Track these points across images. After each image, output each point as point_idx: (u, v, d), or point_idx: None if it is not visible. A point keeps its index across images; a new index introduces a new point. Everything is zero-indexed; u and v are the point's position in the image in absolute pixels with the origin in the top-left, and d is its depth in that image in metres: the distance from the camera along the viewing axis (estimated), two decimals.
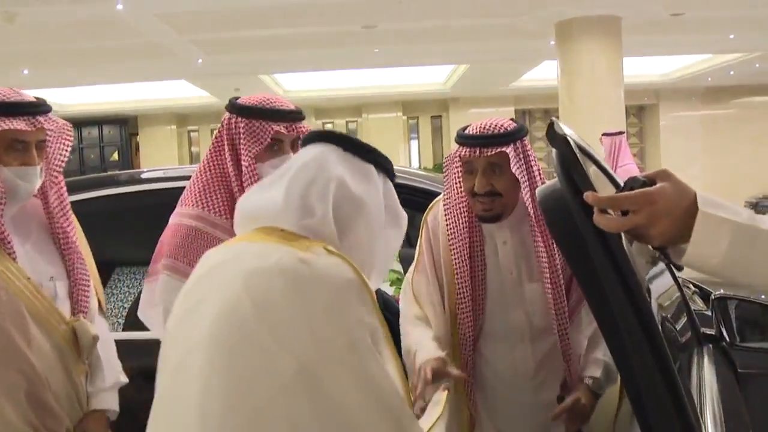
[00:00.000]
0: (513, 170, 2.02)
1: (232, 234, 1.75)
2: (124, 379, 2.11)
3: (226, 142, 1.99)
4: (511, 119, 2.15)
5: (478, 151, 2.04)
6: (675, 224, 1.10)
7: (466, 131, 2.10)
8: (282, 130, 1.99)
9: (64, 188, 2.04)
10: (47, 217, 2.03)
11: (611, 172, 1.31)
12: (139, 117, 16.32)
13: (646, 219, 1.09)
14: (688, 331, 2.45)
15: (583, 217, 1.12)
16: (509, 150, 2.03)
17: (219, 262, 1.33)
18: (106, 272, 3.51)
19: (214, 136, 2.05)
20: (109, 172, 3.57)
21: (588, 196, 1.10)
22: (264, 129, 1.97)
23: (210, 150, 2.04)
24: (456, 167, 2.16)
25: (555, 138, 1.15)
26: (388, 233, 1.43)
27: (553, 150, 1.18)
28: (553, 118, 1.18)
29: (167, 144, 16.41)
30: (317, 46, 10.46)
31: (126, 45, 9.71)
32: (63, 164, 2.01)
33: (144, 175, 3.41)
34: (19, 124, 1.86)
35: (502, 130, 2.06)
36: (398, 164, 2.58)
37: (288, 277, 1.20)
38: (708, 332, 2.50)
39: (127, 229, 3.08)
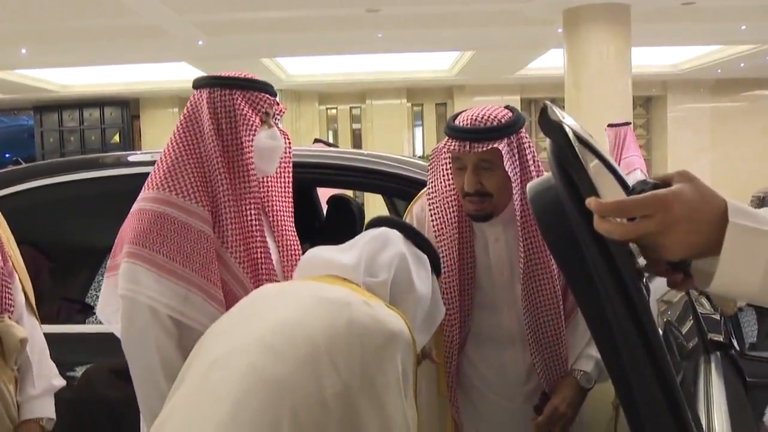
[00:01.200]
0: (506, 168, 1.86)
1: (200, 219, 1.77)
2: (58, 382, 1.95)
3: (207, 119, 1.83)
4: (507, 107, 1.97)
5: (468, 146, 1.88)
6: (696, 234, 0.88)
7: (457, 121, 1.93)
8: (272, 103, 1.91)
9: None
10: None
11: (616, 167, 1.16)
12: (141, 99, 16.19)
13: (658, 226, 0.88)
14: (694, 338, 2.34)
15: (580, 221, 0.95)
16: (502, 146, 1.86)
17: (282, 290, 1.49)
18: (96, 259, 3.41)
19: (181, 117, 1.89)
20: (92, 155, 3.45)
21: (590, 202, 0.90)
22: (261, 99, 1.87)
23: (178, 131, 1.88)
24: (445, 159, 2.00)
25: (549, 126, 0.97)
26: (426, 319, 1.62)
27: (547, 140, 1.00)
28: (547, 102, 1.00)
29: (169, 127, 16.14)
30: (320, 30, 10.34)
31: (125, 25, 9.58)
32: None
33: (131, 158, 3.29)
34: None
35: (495, 123, 1.88)
36: (401, 152, 2.49)
37: (353, 310, 1.34)
38: (716, 339, 2.35)
39: (117, 214, 2.95)
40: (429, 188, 2.05)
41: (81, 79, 14.58)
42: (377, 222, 1.67)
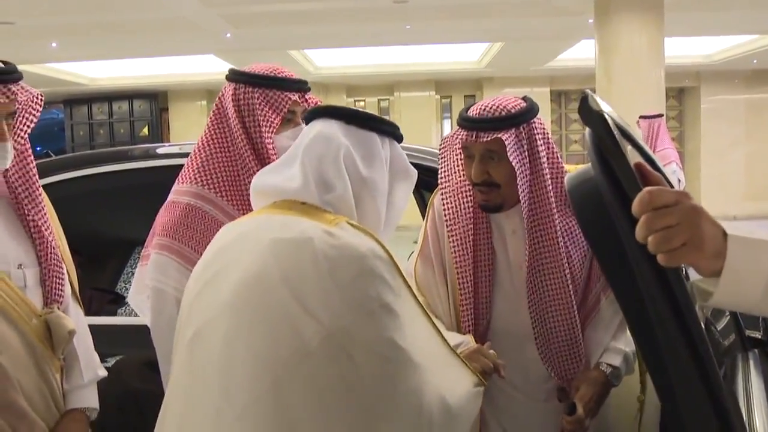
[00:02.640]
0: (510, 159, 1.82)
1: (230, 215, 1.78)
2: (102, 373, 1.96)
3: (233, 115, 1.86)
4: (524, 97, 1.95)
5: (474, 136, 1.86)
6: (700, 240, 0.93)
7: (469, 111, 1.92)
8: (297, 100, 1.90)
9: (32, 164, 1.83)
10: (12, 197, 1.82)
11: (653, 156, 1.16)
12: (170, 92, 16.34)
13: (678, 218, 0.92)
14: (731, 334, 2.29)
15: (620, 212, 0.96)
16: (507, 136, 1.83)
17: (240, 234, 1.37)
18: (124, 251, 3.43)
19: (213, 109, 1.91)
20: (121, 147, 3.53)
21: (637, 207, 0.92)
22: (282, 99, 1.88)
23: (210, 124, 1.91)
24: (458, 149, 1.99)
25: (590, 115, 0.95)
26: (397, 187, 1.49)
27: (587, 130, 1.00)
28: (587, 91, 0.98)
29: (197, 120, 16.38)
30: (347, 22, 10.33)
31: (154, 18, 9.66)
32: (26, 137, 1.80)
33: (160, 151, 3.31)
34: None
35: (503, 113, 1.86)
36: (429, 144, 2.48)
37: (315, 247, 1.24)
38: (754, 335, 2.29)
39: (146, 206, 2.98)
40: (441, 178, 2.03)
41: (110, 73, 14.76)
42: (313, 114, 1.49)
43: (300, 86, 1.92)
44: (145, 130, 16.08)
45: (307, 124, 1.50)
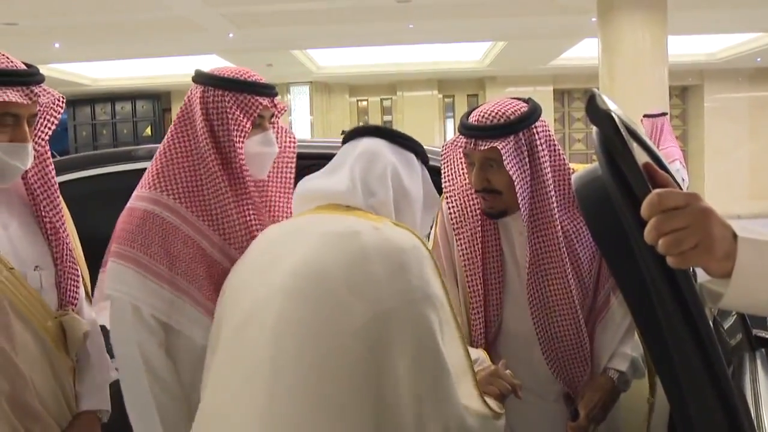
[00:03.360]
0: (507, 167, 1.81)
1: (189, 222, 1.76)
2: (115, 374, 1.93)
3: (200, 118, 1.78)
4: (526, 100, 1.92)
5: (473, 144, 1.85)
6: (710, 242, 0.92)
7: (469, 118, 1.90)
8: (267, 105, 1.85)
9: (50, 166, 1.83)
10: (30, 199, 1.83)
11: (658, 153, 1.15)
12: (173, 92, 16.36)
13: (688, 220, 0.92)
14: (738, 333, 2.28)
15: (627, 211, 0.96)
16: (504, 144, 1.81)
17: (290, 229, 1.48)
18: None
19: (178, 113, 1.85)
20: (124, 148, 3.50)
21: (646, 210, 0.91)
22: (253, 103, 1.81)
23: (173, 127, 1.84)
24: (459, 154, 1.99)
25: (597, 114, 0.95)
26: (424, 214, 1.62)
27: (594, 129, 1.00)
28: (595, 90, 0.98)
29: None
30: (350, 21, 10.34)
31: (157, 19, 9.69)
32: (47, 139, 1.82)
33: None
34: (12, 96, 1.64)
35: (502, 120, 1.84)
36: (433, 144, 2.48)
37: (363, 238, 1.33)
38: (761, 335, 2.28)
39: None
40: (445, 182, 2.02)
41: (113, 73, 14.80)
42: (355, 133, 1.65)
43: (269, 91, 1.87)
44: (148, 131, 16.11)
45: (347, 141, 1.64)
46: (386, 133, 1.61)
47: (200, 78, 1.84)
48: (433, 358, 1.32)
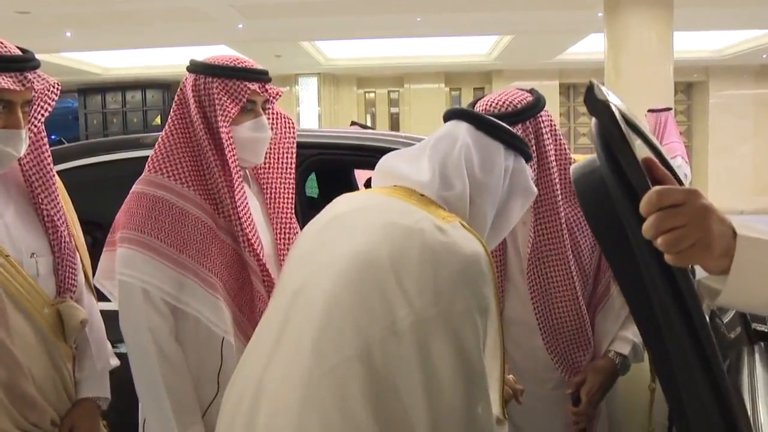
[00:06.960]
0: None
1: (198, 204, 1.78)
2: (115, 362, 1.96)
3: (193, 105, 1.83)
4: (530, 91, 1.96)
5: None
6: (709, 240, 0.91)
7: (475, 107, 1.94)
8: (257, 90, 1.88)
9: (47, 153, 1.81)
10: (26, 185, 1.80)
11: (660, 147, 1.15)
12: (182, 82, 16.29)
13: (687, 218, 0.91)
14: (737, 327, 2.27)
15: (625, 203, 0.95)
16: None
17: (359, 207, 1.46)
18: None
19: (175, 100, 1.90)
20: (133, 135, 3.42)
21: (645, 207, 0.91)
22: (240, 89, 1.85)
23: (172, 115, 1.88)
24: None
25: (595, 104, 0.96)
26: (513, 201, 1.54)
27: (593, 120, 1.00)
28: (593, 80, 0.99)
29: None
30: (358, 13, 10.30)
31: (166, 9, 9.66)
32: (41, 125, 1.79)
33: None
34: (5, 82, 1.61)
35: (509, 109, 1.89)
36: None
37: (425, 237, 1.29)
38: (760, 329, 2.27)
39: None
40: None
41: (123, 63, 14.71)
42: (450, 115, 1.58)
43: (259, 76, 1.88)
44: (158, 120, 16.06)
45: (445, 122, 1.58)
46: (472, 118, 1.53)
47: (192, 66, 1.89)
48: (469, 370, 1.27)
